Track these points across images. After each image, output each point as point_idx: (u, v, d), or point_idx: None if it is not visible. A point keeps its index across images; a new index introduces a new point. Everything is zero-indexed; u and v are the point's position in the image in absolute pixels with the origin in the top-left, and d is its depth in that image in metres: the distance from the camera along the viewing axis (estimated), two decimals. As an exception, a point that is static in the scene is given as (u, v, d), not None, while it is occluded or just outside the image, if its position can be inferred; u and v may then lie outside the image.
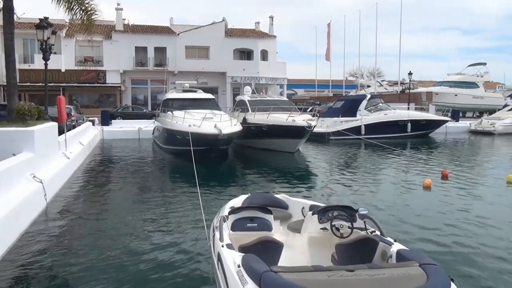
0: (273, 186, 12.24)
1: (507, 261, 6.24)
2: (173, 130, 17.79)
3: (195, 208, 8.91)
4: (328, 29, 52.82)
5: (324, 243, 4.87)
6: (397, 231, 7.35)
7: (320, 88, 59.85)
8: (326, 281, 2.95)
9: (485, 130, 30.85)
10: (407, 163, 17.03)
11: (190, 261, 6.18)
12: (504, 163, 17.65)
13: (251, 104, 22.05)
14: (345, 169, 15.70)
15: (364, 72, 65.66)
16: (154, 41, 42.05)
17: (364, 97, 29.38)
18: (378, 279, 2.97)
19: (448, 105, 38.63)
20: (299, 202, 6.21)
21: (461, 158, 19.41)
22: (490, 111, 40.01)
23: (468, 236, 7.40)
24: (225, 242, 4.18)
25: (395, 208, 9.42)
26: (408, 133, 27.08)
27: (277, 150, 19.58)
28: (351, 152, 20.95)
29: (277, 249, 4.24)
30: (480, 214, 8.88)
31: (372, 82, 52.62)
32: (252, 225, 4.99)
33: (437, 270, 3.14)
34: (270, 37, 46.09)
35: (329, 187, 12.43)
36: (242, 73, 42.14)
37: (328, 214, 4.93)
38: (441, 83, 45.43)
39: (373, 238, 4.20)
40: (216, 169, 15.95)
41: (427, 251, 6.45)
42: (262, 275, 3.04)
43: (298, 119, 18.95)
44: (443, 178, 12.95)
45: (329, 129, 26.26)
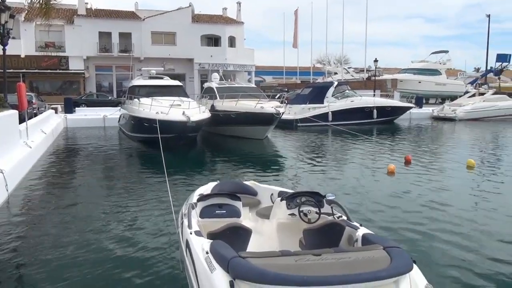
0: (242, 173, 12.27)
1: (466, 242, 6.51)
2: (140, 118, 17.50)
3: (163, 196, 8.83)
4: (295, 16, 52.89)
5: (292, 228, 4.94)
6: (363, 216, 7.54)
7: (288, 75, 60.06)
8: (293, 265, 2.99)
9: (447, 116, 31.84)
10: (373, 149, 17.41)
11: (159, 249, 6.15)
12: (464, 148, 18.31)
13: (219, 91, 21.91)
14: (313, 156, 15.89)
15: (331, 59, 66.28)
16: (118, 26, 40.96)
17: (331, 84, 29.71)
18: (344, 262, 3.05)
19: (412, 92, 39.56)
20: (267, 188, 6.25)
21: (424, 143, 20.00)
22: (452, 97, 41.25)
23: (429, 219, 7.66)
24: (194, 229, 4.18)
25: (361, 193, 9.64)
26: (374, 119, 27.63)
27: (245, 137, 19.60)
28: (319, 139, 21.22)
29: (246, 235, 4.27)
30: (441, 198, 9.21)
31: (339, 69, 53.18)
32: (221, 212, 5.00)
33: (400, 252, 3.24)
34: (238, 23, 45.72)
35: (297, 173, 12.58)
36: (210, 60, 41.73)
37: (296, 200, 4.99)
38: (406, 70, 46.44)
39: (340, 223, 4.28)
40: (185, 157, 15.84)
41: (391, 235, 6.66)
42: (230, 260, 3.06)
43: (266, 106, 18.99)
44: (406, 164, 13.32)
45: (297, 116, 26.46)
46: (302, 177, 11.85)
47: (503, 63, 47.36)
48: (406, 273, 3.09)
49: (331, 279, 2.84)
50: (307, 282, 2.80)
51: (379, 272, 2.94)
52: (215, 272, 3.17)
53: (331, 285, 2.83)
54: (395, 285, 3.03)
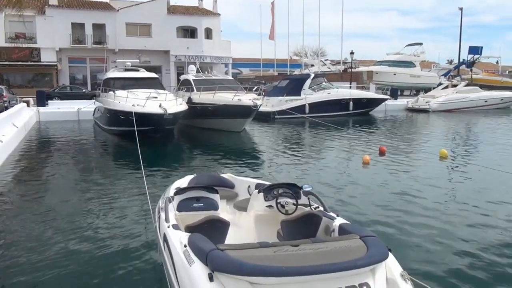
0: (219, 166, 12.25)
1: (438, 230, 6.69)
2: (115, 110, 17.23)
3: (140, 190, 8.75)
4: (272, 8, 52.77)
5: (269, 220, 4.97)
6: (339, 206, 7.65)
7: (265, 67, 59.95)
8: (271, 256, 3.02)
9: (421, 108, 32.44)
10: (349, 141, 17.62)
11: (136, 243, 6.10)
12: (437, 139, 18.72)
13: (196, 84, 21.74)
14: (290, 148, 15.98)
15: (308, 51, 66.51)
16: (92, 17, 40.08)
17: (308, 76, 29.83)
18: (322, 252, 3.09)
19: (387, 84, 40.11)
20: (245, 180, 6.27)
21: (398, 135, 20.36)
22: (426, 89, 41.99)
23: (402, 208, 7.83)
24: (171, 223, 4.16)
25: (337, 184, 9.76)
26: (350, 111, 27.91)
27: (223, 130, 19.54)
28: (296, 131, 21.34)
29: (224, 228, 4.28)
30: (414, 187, 9.41)
31: (315, 62, 53.44)
32: (198, 205, 4.99)
33: (376, 241, 3.31)
34: (214, 15, 45.36)
35: (274, 165, 12.63)
36: (186, 52, 41.32)
37: (273, 192, 5.02)
38: (381, 62, 46.97)
39: (317, 213, 4.33)
40: (162, 150, 15.71)
41: (367, 224, 6.78)
42: (208, 253, 3.06)
43: (244, 99, 18.96)
44: (381, 154, 13.54)
45: (274, 108, 26.51)
46: (279, 169, 11.91)
47: (475, 55, 48.37)
48: (382, 261, 3.16)
49: (309, 269, 2.88)
50: (285, 272, 2.84)
51: (356, 261, 3.00)
52: (194, 265, 3.17)
53: (309, 275, 2.87)
54: (371, 273, 3.10)
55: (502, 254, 5.77)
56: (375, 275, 3.10)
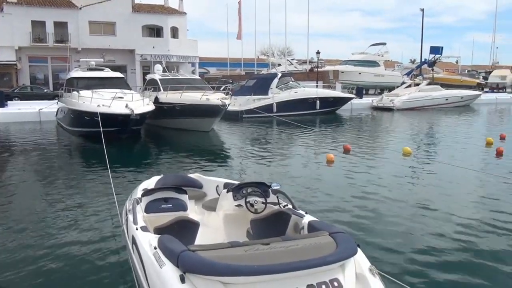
0: (187, 166, 12.16)
1: (403, 225, 6.90)
2: (80, 111, 16.82)
3: (106, 192, 8.59)
4: (239, 7, 52.78)
5: (239, 219, 4.98)
6: (308, 204, 7.74)
7: (232, 66, 59.85)
8: (243, 255, 3.03)
9: (385, 106, 33.21)
10: (316, 139, 17.85)
11: (104, 246, 5.98)
12: (401, 136, 19.21)
13: (162, 83, 21.50)
14: (258, 147, 16.04)
15: (275, 50, 66.81)
16: (53, 15, 38.88)
17: (275, 75, 30.00)
18: (292, 249, 3.13)
19: (353, 83, 40.81)
20: (213, 180, 6.25)
21: (364, 133, 20.78)
22: (390, 88, 42.97)
23: (368, 205, 8.01)
24: (139, 225, 4.10)
25: (304, 182, 9.88)
26: (317, 110, 28.27)
27: (191, 130, 19.41)
28: (264, 130, 21.44)
29: (193, 229, 4.26)
30: (378, 184, 9.66)
31: (282, 61, 53.74)
32: (167, 206, 4.95)
33: (345, 237, 3.38)
34: (180, 13, 44.91)
35: (243, 164, 12.66)
36: (152, 51, 40.75)
37: (242, 191, 5.03)
38: (346, 62, 47.76)
39: (286, 211, 4.37)
40: (128, 151, 15.47)
41: (335, 221, 6.89)
42: (179, 254, 3.04)
43: (212, 98, 18.90)
44: (346, 152, 13.77)
45: (242, 107, 26.54)
46: (248, 168, 11.94)
47: (436, 55, 49.88)
48: (351, 257, 3.23)
49: (281, 267, 2.90)
50: (257, 271, 2.85)
51: (326, 257, 3.05)
52: (165, 267, 3.14)
53: (281, 272, 2.89)
54: (341, 269, 3.16)
55: (464, 246, 6.01)
56: (344, 270, 3.16)
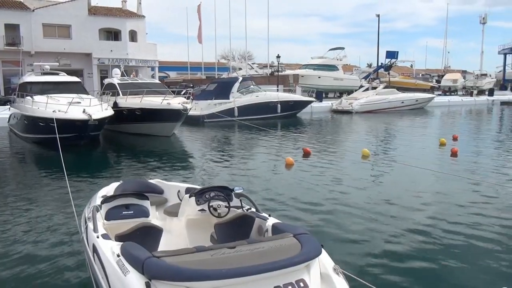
0: (147, 172, 11.97)
1: (363, 224, 7.08)
2: (34, 117, 16.22)
3: (64, 200, 8.31)
4: (198, 11, 52.53)
5: (202, 224, 4.95)
6: (271, 207, 7.80)
7: (192, 70, 59.48)
8: (209, 260, 3.02)
9: (345, 109, 33.97)
10: (277, 143, 18.00)
11: (62, 257, 5.79)
12: (359, 139, 19.71)
13: (121, 88, 21.09)
14: (220, 151, 16.01)
15: (236, 55, 66.96)
16: (3, 17, 37.27)
17: (236, 79, 30.06)
18: (258, 252, 3.15)
19: (312, 87, 41.46)
20: (174, 185, 6.18)
21: (324, 135, 21.15)
22: (349, 91, 44.00)
23: (329, 206, 8.18)
24: (100, 233, 4.00)
25: (266, 185, 9.94)
26: (278, 113, 28.53)
27: (152, 135, 19.13)
28: (226, 134, 21.43)
29: (157, 235, 4.20)
30: (339, 186, 9.88)
31: (243, 65, 53.90)
32: (128, 212, 4.86)
33: (309, 238, 3.43)
34: (139, 17, 44.20)
35: (205, 169, 12.60)
36: (110, 55, 39.83)
37: (205, 196, 5.01)
38: (306, 66, 48.47)
39: (250, 214, 4.39)
40: (86, 157, 15.07)
41: (298, 223, 6.98)
42: (145, 261, 3.00)
43: (173, 102, 18.73)
44: (305, 155, 13.96)
45: (203, 111, 26.41)
46: (210, 173, 11.90)
47: (391, 59, 51.71)
48: (316, 257, 3.28)
49: (248, 269, 2.92)
50: (225, 275, 2.85)
51: (292, 258, 3.09)
52: (129, 275, 3.08)
53: (248, 275, 2.91)
54: (306, 270, 3.20)
55: (424, 244, 6.23)
56: (310, 271, 3.21)
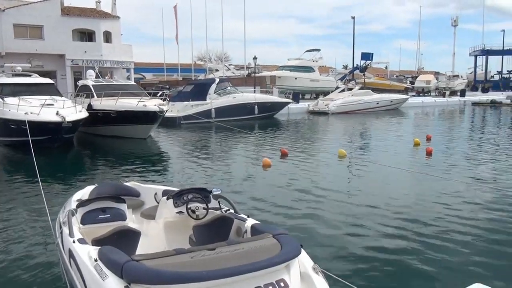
0: (123, 175, 11.80)
1: (341, 224, 7.16)
2: (5, 119, 15.79)
3: (37, 205, 8.11)
4: (174, 12, 52.19)
5: (180, 226, 4.92)
6: (249, 208, 7.79)
7: (169, 72, 59.03)
8: (189, 262, 3.00)
9: (321, 110, 34.26)
10: (255, 144, 18.02)
11: (36, 263, 5.65)
12: (336, 139, 19.92)
13: (96, 89, 20.74)
14: (197, 153, 15.92)
15: (212, 56, 66.77)
16: (-28, 17, 36.25)
17: (213, 81, 29.96)
18: (238, 253, 3.15)
19: (289, 88, 41.67)
20: (151, 188, 6.12)
21: (300, 136, 21.29)
22: (325, 93, 44.41)
23: (307, 206, 8.25)
24: (76, 237, 3.92)
25: (244, 187, 9.95)
26: (256, 115, 28.58)
27: (127, 137, 18.88)
28: (203, 136, 21.32)
29: (134, 238, 4.15)
30: (316, 186, 9.96)
31: (220, 66, 53.78)
32: (105, 216, 4.77)
33: (288, 238, 3.45)
34: (113, 17, 43.56)
35: (182, 171, 12.51)
36: (84, 56, 39.12)
37: (183, 198, 4.97)
38: (283, 67, 48.70)
39: (228, 216, 4.38)
40: (60, 160, 14.75)
41: (276, 223, 6.99)
42: (123, 265, 2.95)
43: (149, 104, 18.54)
44: (282, 156, 14.02)
45: (180, 113, 26.21)
46: (187, 175, 11.82)
47: (367, 61, 52.49)
48: (295, 257, 3.30)
49: (229, 271, 2.91)
50: (205, 277, 2.83)
51: (272, 259, 3.10)
52: (108, 280, 3.03)
53: (229, 277, 2.90)
54: (286, 269, 3.22)
55: (400, 242, 6.34)
56: (290, 270, 3.22)
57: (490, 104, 43.99)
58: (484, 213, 7.74)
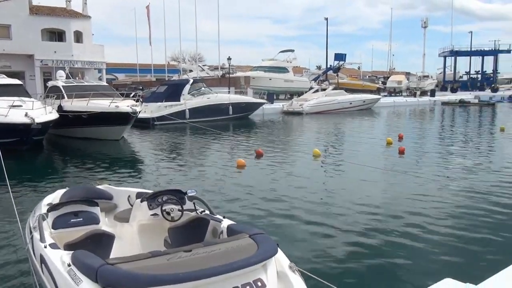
0: (96, 177, 11.58)
1: (317, 223, 7.22)
2: (-29, 121, 15.26)
3: (6, 210, 7.88)
4: (147, 12, 51.59)
5: (155, 229, 4.86)
6: (225, 209, 7.77)
7: (142, 72, 58.34)
8: (166, 264, 2.97)
9: (295, 111, 34.51)
10: (230, 145, 18.00)
11: (5, 270, 5.48)
12: (310, 139, 20.09)
13: (66, 90, 20.31)
14: (171, 154, 15.78)
15: (186, 56, 66.31)
16: None
17: (187, 81, 29.80)
18: (215, 254, 3.13)
19: (264, 88, 41.82)
20: (124, 191, 6.03)
21: (275, 137, 21.37)
22: (299, 93, 44.75)
23: (282, 205, 8.29)
24: (48, 242, 3.82)
25: (220, 188, 9.91)
26: (230, 115, 28.56)
27: (99, 139, 18.55)
28: (177, 137, 21.15)
29: (108, 242, 4.07)
30: (291, 185, 10.04)
31: (194, 67, 53.46)
32: (77, 220, 4.67)
33: (264, 238, 3.45)
34: (84, 17, 42.73)
35: (156, 172, 12.37)
36: (54, 56, 38.20)
37: (157, 200, 4.92)
38: (257, 68, 48.80)
39: (204, 217, 4.36)
40: (30, 163, 14.39)
41: (252, 223, 7.00)
42: (98, 269, 2.89)
43: (121, 105, 18.26)
44: (258, 157, 14.05)
45: (153, 114, 25.92)
46: (162, 176, 11.69)
47: (340, 61, 53.20)
48: (272, 256, 3.30)
49: (206, 272, 2.89)
50: (182, 278, 2.81)
51: (249, 258, 3.09)
52: (82, 284, 2.96)
53: (206, 278, 2.88)
54: (263, 269, 3.22)
55: (375, 239, 6.44)
56: (267, 270, 3.23)
57: (459, 104, 45.28)
58: (453, 210, 7.94)
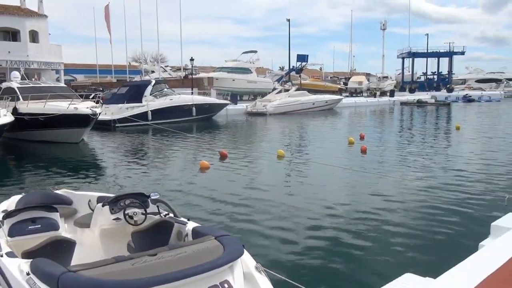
0: (54, 182, 11.18)
1: (281, 221, 7.27)
2: None
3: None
4: (106, 12, 50.39)
5: (118, 233, 4.75)
6: (189, 211, 7.69)
7: (102, 73, 56.94)
8: (131, 269, 2.89)
9: (259, 111, 34.66)
10: (193, 146, 17.85)
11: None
12: (274, 140, 20.22)
13: (21, 92, 19.56)
14: (133, 157, 15.49)
15: (148, 57, 65.31)
16: None
17: (149, 82, 29.38)
18: (181, 257, 3.08)
19: (227, 89, 41.77)
20: (84, 195, 5.85)
21: (239, 138, 21.40)
22: (262, 94, 44.98)
23: (248, 205, 8.30)
24: (4, 251, 3.65)
25: (183, 190, 9.81)
26: (194, 116, 28.35)
27: (58, 142, 17.96)
28: (139, 139, 20.79)
29: (69, 248, 3.93)
30: (256, 186, 10.07)
31: (156, 68, 52.74)
32: (35, 226, 4.49)
33: (230, 239, 3.44)
34: (40, 16, 41.30)
35: (118, 176, 12.10)
36: (8, 56, 36.75)
37: (119, 203, 4.80)
38: (220, 69, 48.71)
39: (168, 220, 4.29)
40: (-18, 169, 13.73)
41: (218, 224, 6.97)
42: (60, 277, 2.77)
43: (81, 107, 17.76)
44: (222, 158, 14.00)
45: (114, 116, 25.36)
46: (124, 180, 11.44)
47: (302, 62, 53.90)
48: (238, 258, 3.29)
49: (172, 275, 2.83)
50: (148, 283, 2.74)
51: (216, 260, 3.06)
52: None
53: (173, 281, 2.82)
54: (230, 270, 3.20)
55: (337, 236, 6.54)
56: (233, 271, 3.21)
57: (416, 104, 46.82)
58: (412, 207, 8.19)
